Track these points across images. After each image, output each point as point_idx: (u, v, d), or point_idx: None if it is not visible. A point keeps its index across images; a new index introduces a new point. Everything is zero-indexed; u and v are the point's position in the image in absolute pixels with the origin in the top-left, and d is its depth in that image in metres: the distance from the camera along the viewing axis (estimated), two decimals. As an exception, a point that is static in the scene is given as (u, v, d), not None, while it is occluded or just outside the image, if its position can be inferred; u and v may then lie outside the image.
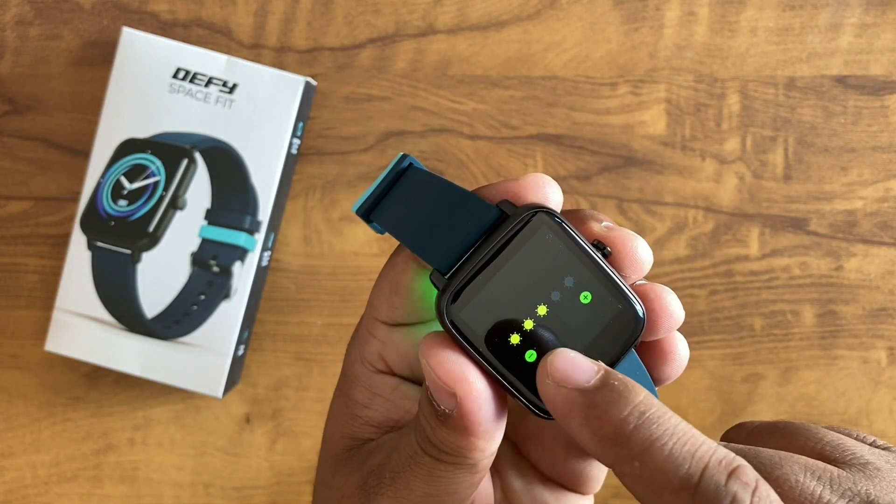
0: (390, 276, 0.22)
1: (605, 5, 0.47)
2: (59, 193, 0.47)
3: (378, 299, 0.23)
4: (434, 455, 0.21)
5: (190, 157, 0.44)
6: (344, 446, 0.24)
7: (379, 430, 0.24)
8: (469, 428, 0.20)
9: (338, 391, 0.25)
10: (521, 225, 0.20)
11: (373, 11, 0.47)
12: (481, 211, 0.21)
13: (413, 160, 0.22)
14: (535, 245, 0.20)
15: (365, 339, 0.23)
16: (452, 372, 0.20)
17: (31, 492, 0.47)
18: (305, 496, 0.47)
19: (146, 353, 0.44)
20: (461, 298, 0.20)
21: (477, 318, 0.20)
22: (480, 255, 0.20)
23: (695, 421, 0.47)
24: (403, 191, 0.22)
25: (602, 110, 0.47)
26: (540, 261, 0.20)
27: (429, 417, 0.20)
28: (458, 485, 0.21)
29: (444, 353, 0.20)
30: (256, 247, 0.44)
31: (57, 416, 0.47)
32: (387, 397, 0.23)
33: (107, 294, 0.44)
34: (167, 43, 0.44)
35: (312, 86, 0.46)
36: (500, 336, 0.20)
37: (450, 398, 0.20)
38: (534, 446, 0.24)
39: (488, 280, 0.20)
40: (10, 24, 0.47)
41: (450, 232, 0.21)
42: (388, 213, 0.22)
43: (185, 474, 0.47)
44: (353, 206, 0.22)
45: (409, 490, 0.21)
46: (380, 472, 0.22)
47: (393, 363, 0.23)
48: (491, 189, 0.22)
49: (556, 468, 0.23)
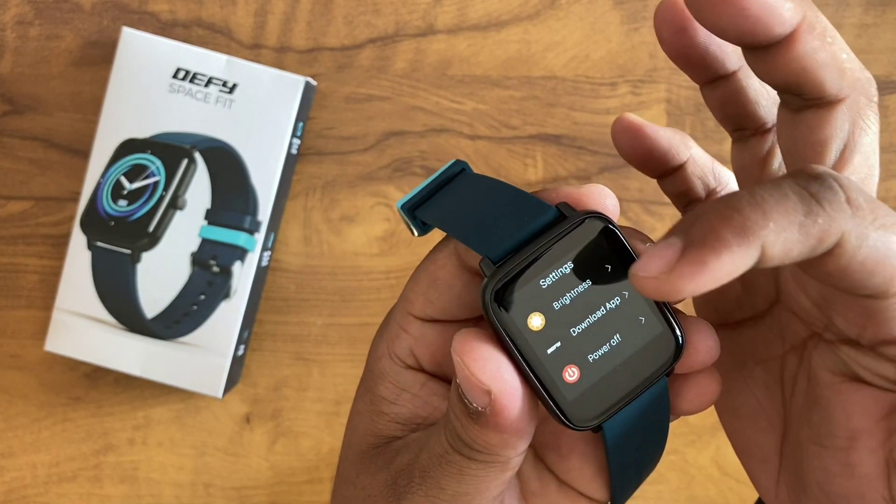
0: (430, 270, 0.22)
1: (605, 5, 0.47)
2: (59, 193, 0.47)
3: (414, 294, 0.22)
4: (465, 453, 0.20)
5: (190, 157, 0.44)
6: (369, 444, 0.24)
7: (405, 427, 0.23)
8: (502, 425, 0.19)
9: (362, 388, 0.24)
10: (577, 227, 0.20)
11: (373, 11, 0.47)
12: (539, 210, 0.20)
13: (466, 165, 0.22)
14: (588, 249, 0.20)
15: (395, 333, 0.23)
16: (487, 369, 0.19)
17: (31, 492, 0.47)
18: (305, 496, 0.47)
19: (146, 353, 0.44)
20: (507, 290, 0.20)
21: (519, 312, 0.20)
22: (532, 250, 0.20)
23: (695, 420, 0.47)
24: (456, 190, 0.22)
25: (602, 110, 0.47)
26: (590, 266, 0.20)
27: (460, 415, 0.20)
28: (490, 483, 0.21)
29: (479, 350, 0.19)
30: (256, 247, 0.44)
31: (57, 416, 0.47)
32: (415, 393, 0.23)
33: (107, 294, 0.44)
34: (167, 43, 0.44)
35: (312, 86, 0.46)
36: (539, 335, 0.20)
37: (483, 395, 0.19)
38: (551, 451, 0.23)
39: (536, 276, 0.20)
40: (10, 24, 0.47)
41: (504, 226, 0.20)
42: (436, 209, 0.21)
43: (185, 474, 0.47)
44: (399, 202, 0.22)
45: (440, 489, 0.21)
46: (409, 471, 0.22)
47: (423, 359, 0.23)
48: (550, 192, 0.21)
49: (572, 475, 0.23)
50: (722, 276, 0.16)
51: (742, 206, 0.16)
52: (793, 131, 0.20)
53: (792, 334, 0.23)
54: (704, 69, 0.21)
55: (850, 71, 0.19)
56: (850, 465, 0.20)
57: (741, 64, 0.21)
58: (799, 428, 0.22)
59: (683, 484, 0.47)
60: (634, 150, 0.24)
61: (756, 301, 0.24)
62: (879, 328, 0.19)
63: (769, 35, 0.18)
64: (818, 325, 0.21)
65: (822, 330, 0.21)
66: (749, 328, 0.24)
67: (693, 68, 0.21)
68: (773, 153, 0.22)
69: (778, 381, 0.23)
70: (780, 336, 0.23)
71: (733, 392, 0.24)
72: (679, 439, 0.47)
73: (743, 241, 0.16)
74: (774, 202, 0.16)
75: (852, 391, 0.20)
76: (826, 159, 0.20)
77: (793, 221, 0.16)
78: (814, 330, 0.22)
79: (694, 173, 0.25)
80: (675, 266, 0.16)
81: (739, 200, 0.16)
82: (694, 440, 0.47)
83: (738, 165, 0.23)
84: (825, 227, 0.16)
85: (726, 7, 0.18)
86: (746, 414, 0.24)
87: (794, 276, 0.22)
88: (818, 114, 0.19)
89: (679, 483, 0.47)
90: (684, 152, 0.24)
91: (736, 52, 0.21)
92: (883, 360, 0.20)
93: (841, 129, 0.19)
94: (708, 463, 0.47)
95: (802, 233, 0.16)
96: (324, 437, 0.47)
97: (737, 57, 0.21)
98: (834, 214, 0.16)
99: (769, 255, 0.16)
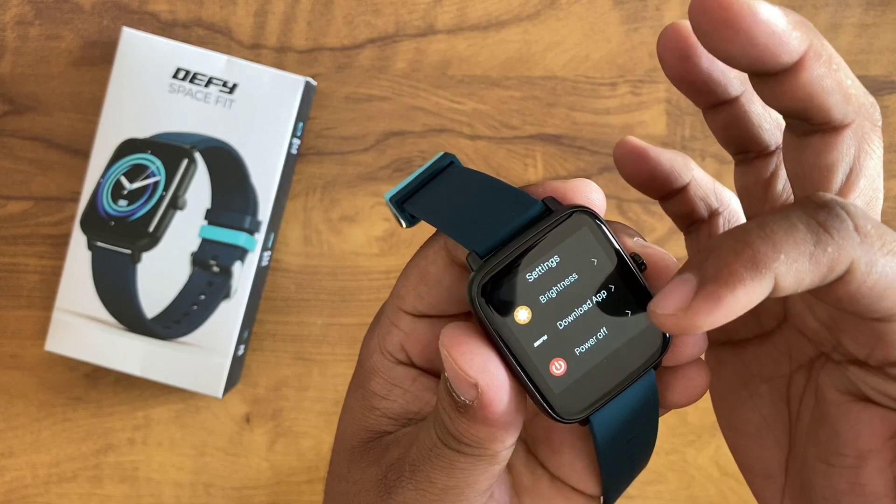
0: (420, 265, 0.22)
1: (605, 5, 0.47)
2: (59, 193, 0.47)
3: (405, 289, 0.23)
4: (454, 447, 0.21)
5: (190, 157, 0.44)
6: (360, 439, 0.24)
7: (397, 422, 0.23)
8: (489, 419, 0.20)
9: (354, 383, 0.24)
10: (564, 221, 0.20)
11: (373, 11, 0.47)
12: (525, 204, 0.20)
13: (455, 158, 0.22)
14: (574, 243, 0.20)
15: (387, 329, 0.23)
16: (474, 362, 0.19)
17: (31, 492, 0.47)
18: (305, 496, 0.47)
19: (146, 353, 0.44)
20: (493, 284, 0.20)
21: (506, 306, 0.20)
22: (518, 244, 0.20)
23: (695, 420, 0.47)
24: (444, 183, 0.22)
25: (602, 110, 0.47)
26: (577, 260, 0.20)
27: (448, 409, 0.20)
28: (479, 476, 0.21)
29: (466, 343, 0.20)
30: (256, 247, 0.44)
31: (57, 416, 0.47)
32: (406, 388, 0.23)
33: (107, 294, 0.44)
34: (167, 43, 0.44)
35: (312, 86, 0.46)
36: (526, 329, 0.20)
37: (470, 389, 0.19)
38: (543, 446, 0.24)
39: (523, 270, 0.20)
40: (10, 24, 0.47)
41: (491, 220, 0.20)
42: (424, 202, 0.22)
43: (185, 474, 0.47)
44: (387, 194, 0.22)
45: (430, 483, 0.21)
46: (399, 465, 0.22)
47: (414, 355, 0.23)
48: (537, 187, 0.21)
49: (564, 469, 0.23)
50: (737, 310, 0.16)
51: (752, 240, 0.16)
52: (799, 156, 0.20)
53: (800, 353, 0.23)
54: (707, 94, 0.22)
55: (855, 97, 0.19)
56: (858, 484, 0.21)
57: (743, 89, 0.22)
58: (806, 446, 0.22)
59: (683, 484, 0.47)
60: (637, 174, 0.25)
61: (764, 320, 0.24)
62: (888, 350, 0.19)
63: (777, 63, 0.18)
64: (826, 345, 0.22)
65: (830, 350, 0.22)
66: (756, 346, 0.24)
67: (696, 93, 0.22)
68: (778, 175, 0.22)
69: (784, 398, 0.23)
70: (787, 355, 0.23)
71: (738, 409, 0.24)
72: (679, 439, 0.47)
73: (756, 275, 0.16)
74: (784, 234, 0.17)
75: (860, 410, 0.21)
76: (832, 183, 0.20)
77: (803, 252, 0.16)
78: (822, 350, 0.22)
79: (696, 195, 0.25)
80: (691, 303, 0.16)
81: (749, 234, 0.17)
82: (694, 440, 0.47)
83: (742, 186, 0.23)
84: (835, 255, 0.16)
85: (735, 35, 0.18)
86: (751, 430, 0.24)
87: (804, 299, 0.22)
88: (824, 139, 0.20)
89: (679, 483, 0.47)
90: (686, 174, 0.25)
91: (739, 77, 0.22)
92: (891, 381, 0.20)
93: (847, 154, 0.20)
94: (708, 463, 0.47)
95: (813, 262, 0.16)
96: (324, 436, 0.47)
97: (739, 82, 0.22)
98: (843, 243, 0.16)
99: (781, 286, 0.16)
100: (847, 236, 0.17)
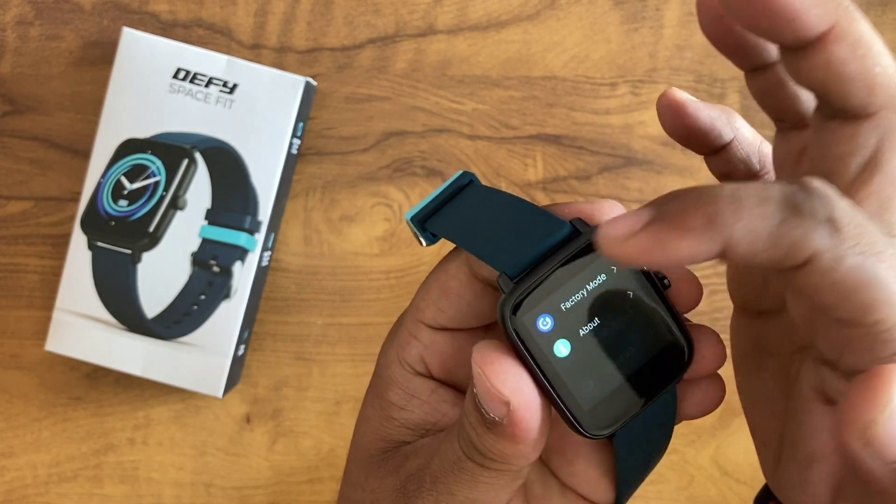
0: (441, 279, 0.22)
1: (605, 5, 0.47)
2: (59, 193, 0.47)
3: (425, 302, 0.23)
4: (478, 461, 0.21)
5: (190, 157, 0.44)
6: (377, 448, 0.24)
7: (414, 432, 0.24)
8: (519, 436, 0.20)
9: (371, 393, 0.24)
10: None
11: (373, 11, 0.47)
12: (554, 226, 0.21)
13: (474, 177, 0.23)
14: (603, 264, 0.21)
15: (406, 340, 0.23)
16: (508, 381, 0.19)
17: (31, 492, 0.48)
18: (305, 496, 0.47)
19: (146, 353, 0.44)
20: (525, 305, 0.20)
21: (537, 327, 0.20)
22: (549, 267, 0.20)
23: (695, 420, 0.47)
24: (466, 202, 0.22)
25: (602, 110, 0.47)
26: (606, 280, 0.21)
27: (475, 424, 0.20)
28: (500, 490, 0.21)
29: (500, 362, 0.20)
30: (256, 247, 0.44)
31: (57, 416, 0.47)
32: (424, 399, 0.23)
33: (107, 294, 0.44)
34: (167, 43, 0.44)
35: (312, 86, 0.46)
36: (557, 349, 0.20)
37: (501, 406, 0.19)
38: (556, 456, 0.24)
39: (554, 292, 0.20)
40: (10, 24, 0.47)
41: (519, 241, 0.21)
42: (448, 222, 0.22)
43: (185, 474, 0.47)
44: (407, 213, 0.22)
45: (451, 495, 0.21)
46: (419, 476, 0.22)
47: (433, 367, 0.23)
48: (562, 207, 0.21)
49: (576, 479, 0.23)
50: (677, 258, 0.16)
51: (720, 198, 0.16)
52: (818, 138, 0.20)
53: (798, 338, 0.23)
54: (742, 57, 0.21)
55: (884, 87, 0.18)
56: (804, 482, 0.20)
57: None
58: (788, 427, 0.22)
59: (683, 484, 0.47)
60: (675, 128, 0.24)
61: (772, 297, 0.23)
62: (853, 357, 0.18)
63: (795, 36, 0.18)
64: (807, 339, 0.21)
65: (809, 345, 0.21)
66: (767, 320, 0.24)
67: (731, 55, 0.21)
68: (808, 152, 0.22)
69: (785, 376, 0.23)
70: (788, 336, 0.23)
71: (748, 377, 0.24)
72: (679, 439, 0.47)
73: (706, 231, 0.16)
74: (752, 202, 0.16)
75: (823, 413, 0.20)
76: (843, 174, 0.19)
77: (764, 226, 0.16)
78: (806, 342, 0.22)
79: (737, 155, 0.24)
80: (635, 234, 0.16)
81: (721, 190, 0.16)
82: (694, 440, 0.47)
83: (776, 157, 0.23)
84: (797, 240, 0.16)
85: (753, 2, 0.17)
86: (758, 399, 0.24)
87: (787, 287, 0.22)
88: (843, 126, 0.19)
89: (679, 483, 0.47)
90: (728, 132, 0.24)
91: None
92: None
93: (864, 146, 0.19)
94: (708, 463, 0.47)
95: (771, 240, 0.16)
96: (324, 436, 0.47)
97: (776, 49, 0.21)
98: (810, 230, 0.16)
99: (733, 252, 0.16)
100: (817, 225, 0.16)
